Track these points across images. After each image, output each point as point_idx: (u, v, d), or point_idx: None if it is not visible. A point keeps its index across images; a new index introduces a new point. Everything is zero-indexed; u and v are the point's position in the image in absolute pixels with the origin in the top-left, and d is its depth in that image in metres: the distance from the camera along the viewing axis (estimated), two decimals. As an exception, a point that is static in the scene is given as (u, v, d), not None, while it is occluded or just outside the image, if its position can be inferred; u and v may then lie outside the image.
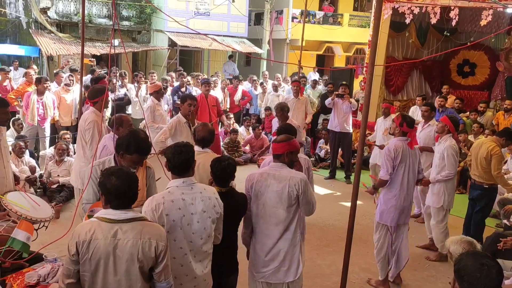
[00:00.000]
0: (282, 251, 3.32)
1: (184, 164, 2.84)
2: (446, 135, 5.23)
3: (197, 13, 16.32)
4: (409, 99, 11.46)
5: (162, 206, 2.72)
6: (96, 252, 2.29)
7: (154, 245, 2.36)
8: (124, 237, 2.32)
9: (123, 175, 2.39)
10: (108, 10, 16.33)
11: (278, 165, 3.35)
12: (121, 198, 2.37)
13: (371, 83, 3.66)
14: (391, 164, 4.43)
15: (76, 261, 2.31)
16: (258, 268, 3.40)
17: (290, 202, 3.26)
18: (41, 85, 7.69)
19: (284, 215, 3.28)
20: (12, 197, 3.42)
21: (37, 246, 3.23)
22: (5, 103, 4.06)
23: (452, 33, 10.56)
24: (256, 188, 3.32)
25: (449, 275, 4.94)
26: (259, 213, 3.34)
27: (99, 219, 2.36)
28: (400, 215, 4.53)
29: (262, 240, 3.36)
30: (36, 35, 14.29)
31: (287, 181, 3.24)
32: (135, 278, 2.36)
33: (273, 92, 11.08)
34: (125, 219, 2.36)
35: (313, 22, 18.97)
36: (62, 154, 6.82)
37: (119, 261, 2.32)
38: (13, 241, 2.80)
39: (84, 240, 2.29)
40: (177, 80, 10.44)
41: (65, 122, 8.19)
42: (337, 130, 8.33)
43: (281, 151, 3.33)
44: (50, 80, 8.52)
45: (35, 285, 2.90)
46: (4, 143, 4.05)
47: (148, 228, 2.41)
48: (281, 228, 3.30)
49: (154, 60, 17.37)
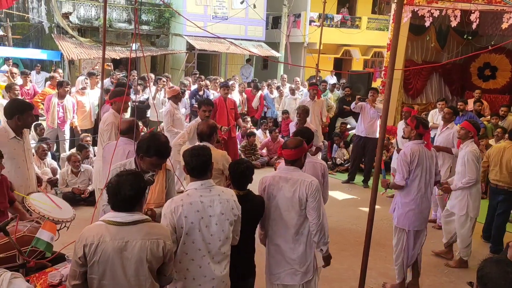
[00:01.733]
0: (298, 254, 3.33)
1: (202, 166, 2.86)
2: (468, 141, 5.14)
3: (215, 17, 16.45)
4: (428, 102, 11.33)
5: (180, 208, 2.75)
6: (104, 255, 2.32)
7: (162, 245, 2.41)
8: (132, 239, 2.35)
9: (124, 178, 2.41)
10: (128, 15, 16.58)
11: (290, 168, 3.36)
12: (120, 201, 2.38)
13: (390, 87, 3.63)
14: (407, 169, 4.37)
15: (83, 264, 2.34)
16: (273, 270, 3.42)
17: (301, 205, 3.26)
18: (62, 88, 7.83)
19: (295, 218, 3.29)
20: (35, 198, 3.50)
21: (58, 246, 3.29)
22: (31, 106, 4.14)
23: (472, 36, 10.41)
24: (268, 191, 3.34)
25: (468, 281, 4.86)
26: (271, 216, 3.35)
27: (106, 222, 2.39)
28: (418, 219, 4.47)
29: (276, 242, 3.38)
30: (58, 40, 14.59)
31: (298, 184, 3.25)
32: (144, 278, 2.40)
33: (290, 95, 11.09)
34: (132, 221, 2.39)
35: (331, 26, 18.92)
36: (78, 166, 6.77)
37: (128, 262, 2.35)
38: (38, 241, 2.86)
39: (91, 243, 2.31)
40: (195, 83, 10.53)
41: (84, 125, 8.32)
42: (363, 135, 8.25)
43: (295, 157, 3.35)
44: (72, 84, 8.69)
45: (58, 284, 2.95)
46: (28, 145, 4.14)
47: (154, 229, 2.45)
48: (293, 231, 3.31)
49: (173, 64, 17.55)
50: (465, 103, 8.62)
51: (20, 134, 3.97)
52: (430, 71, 11.21)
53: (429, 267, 5.09)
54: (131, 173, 2.51)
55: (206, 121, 4.42)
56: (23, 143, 4.01)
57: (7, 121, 3.95)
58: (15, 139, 3.90)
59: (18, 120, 3.90)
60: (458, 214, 5.21)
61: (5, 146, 3.60)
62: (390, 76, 3.62)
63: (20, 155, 3.95)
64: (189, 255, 2.79)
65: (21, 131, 4.00)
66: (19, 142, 3.95)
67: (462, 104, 8.32)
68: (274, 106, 11.50)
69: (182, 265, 2.78)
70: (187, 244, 2.78)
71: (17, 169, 3.89)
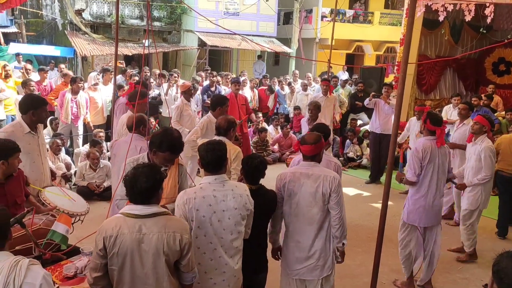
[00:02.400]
0: (318, 249, 3.33)
1: (217, 161, 2.88)
2: (482, 135, 5.07)
3: (227, 13, 16.44)
4: (442, 98, 11.20)
5: (193, 201, 2.77)
6: (122, 246, 2.35)
7: (179, 238, 2.42)
8: (149, 232, 2.38)
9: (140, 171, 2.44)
10: (140, 11, 16.65)
11: (310, 163, 3.35)
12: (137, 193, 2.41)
13: (404, 82, 3.60)
14: (419, 165, 4.33)
15: (104, 256, 2.38)
16: (292, 266, 3.41)
17: (324, 201, 3.26)
18: (75, 84, 7.93)
19: (318, 214, 3.28)
20: (49, 193, 3.55)
21: (72, 240, 3.34)
22: (45, 102, 4.20)
23: (487, 31, 10.26)
24: (289, 188, 3.32)
25: (482, 278, 4.82)
26: (292, 212, 3.34)
27: (124, 215, 2.43)
28: (429, 216, 4.43)
29: (296, 239, 3.37)
30: (71, 36, 14.71)
31: (321, 179, 3.24)
32: (162, 271, 2.42)
33: (302, 91, 11.06)
34: (150, 213, 2.42)
35: (343, 21, 18.79)
36: (97, 163, 6.86)
37: (146, 255, 2.38)
38: (54, 234, 2.91)
39: (110, 235, 2.36)
40: (207, 79, 10.57)
41: (96, 121, 8.41)
42: (378, 132, 8.15)
43: (314, 153, 3.34)
44: (84, 80, 8.78)
45: (73, 276, 3.00)
46: (42, 140, 4.19)
47: (172, 222, 2.46)
48: (316, 227, 3.31)
49: (184, 60, 17.60)
50: (479, 98, 8.51)
51: (34, 129, 4.02)
52: (444, 66, 11.09)
53: (442, 264, 5.05)
54: (147, 165, 2.54)
55: (223, 116, 4.41)
56: (38, 137, 4.06)
57: (22, 116, 4.00)
58: (30, 134, 3.95)
59: (32, 116, 3.94)
60: (468, 208, 5.17)
61: (20, 140, 3.63)
62: (404, 70, 3.58)
63: (35, 150, 4.00)
64: (201, 249, 2.81)
65: (36, 126, 4.05)
66: (34, 137, 4.00)
67: (476, 100, 8.22)
68: (286, 102, 11.48)
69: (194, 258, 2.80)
70: (199, 238, 2.80)
71: (32, 163, 3.94)
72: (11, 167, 3.13)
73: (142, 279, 2.40)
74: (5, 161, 3.07)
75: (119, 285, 2.42)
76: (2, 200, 3.06)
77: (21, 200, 3.31)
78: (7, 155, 3.10)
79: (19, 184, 3.32)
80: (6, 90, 7.89)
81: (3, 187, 3.14)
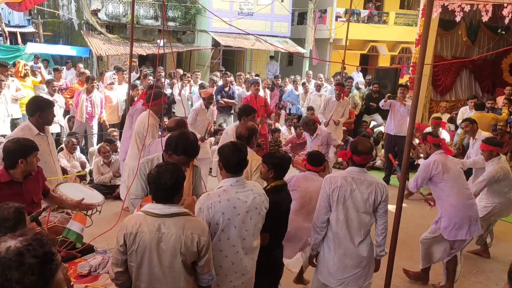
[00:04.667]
0: (366, 256, 3.32)
1: (241, 162, 2.86)
2: (495, 158, 5.00)
3: (241, 13, 16.47)
4: (458, 99, 11.06)
5: (218, 204, 2.72)
6: (142, 244, 2.37)
7: (196, 240, 2.41)
8: (168, 231, 2.39)
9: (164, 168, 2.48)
10: (155, 12, 16.77)
11: (360, 169, 3.33)
12: (160, 190, 2.43)
13: (419, 83, 3.57)
14: (423, 177, 4.34)
15: (124, 252, 2.42)
16: (338, 275, 3.34)
17: (374, 207, 3.27)
18: (89, 84, 8.01)
19: (367, 219, 3.29)
20: (64, 187, 3.60)
21: (87, 238, 3.37)
22: (52, 104, 4.27)
23: (505, 31, 10.10)
24: (340, 193, 3.25)
25: (497, 282, 4.75)
26: (340, 217, 3.28)
27: (145, 213, 2.45)
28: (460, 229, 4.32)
29: (346, 245, 3.31)
30: (87, 36, 14.89)
31: (374, 186, 3.26)
32: (179, 271, 2.43)
33: (316, 92, 11.01)
34: (169, 213, 2.43)
35: (358, 21, 18.67)
36: (109, 156, 6.92)
37: (164, 254, 2.39)
38: (69, 232, 2.94)
39: (131, 232, 2.38)
40: (221, 79, 10.60)
41: (111, 120, 8.49)
42: (393, 134, 8.01)
43: (367, 162, 3.39)
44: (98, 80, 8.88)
45: (87, 274, 3.03)
46: (51, 139, 4.29)
47: (190, 223, 2.46)
48: (364, 232, 3.31)
49: (198, 60, 17.68)
50: (495, 100, 8.38)
51: (42, 130, 4.09)
52: (460, 67, 10.94)
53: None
54: (170, 163, 2.59)
55: (245, 123, 4.29)
56: (47, 137, 4.15)
57: (29, 118, 4.07)
58: (39, 136, 4.01)
59: (39, 118, 4.01)
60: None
61: None
62: (420, 71, 3.55)
63: (46, 150, 4.06)
64: (223, 252, 2.78)
65: (43, 128, 4.12)
66: (43, 137, 4.07)
67: (492, 102, 8.09)
68: (299, 103, 11.45)
69: (215, 261, 2.74)
70: (222, 241, 2.76)
71: (44, 164, 3.97)
72: (30, 165, 3.16)
73: (159, 277, 2.42)
74: (23, 160, 3.10)
75: (137, 281, 2.45)
76: (20, 199, 3.09)
77: (38, 199, 3.34)
78: (27, 154, 3.13)
79: (37, 183, 3.35)
80: (23, 89, 8.01)
81: (21, 186, 3.18)
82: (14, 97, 7.76)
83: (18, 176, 3.15)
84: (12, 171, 3.12)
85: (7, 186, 3.11)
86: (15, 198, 2.89)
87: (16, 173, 3.13)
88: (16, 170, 3.12)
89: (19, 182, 3.17)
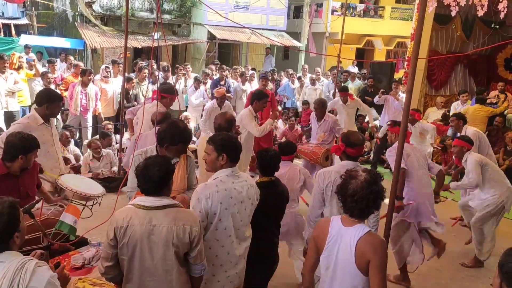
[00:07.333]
0: None
1: (238, 153, 2.91)
2: (467, 153, 5.06)
3: (237, 6, 16.39)
4: (452, 94, 11.09)
5: (216, 194, 2.74)
6: (132, 237, 2.38)
7: (188, 231, 2.43)
8: (159, 224, 2.39)
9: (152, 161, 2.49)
10: (150, 4, 16.64)
11: (354, 163, 3.34)
12: (148, 183, 2.44)
13: (413, 77, 3.57)
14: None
15: (114, 246, 2.42)
16: None
17: None
18: (85, 77, 7.95)
19: None
20: (65, 178, 3.62)
21: (80, 231, 3.37)
22: (61, 98, 4.46)
23: (500, 26, 10.12)
24: (333, 188, 3.25)
25: (490, 276, 4.79)
26: (334, 212, 3.29)
27: (135, 206, 2.45)
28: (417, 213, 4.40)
29: None
30: (81, 28, 14.76)
31: None
32: (171, 263, 2.44)
33: (311, 85, 11.01)
34: (160, 206, 2.44)
35: (354, 15, 18.64)
36: (99, 152, 6.85)
37: (155, 246, 2.40)
38: (61, 224, 2.93)
39: (121, 226, 2.39)
40: (217, 73, 10.58)
41: (106, 113, 8.45)
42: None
43: (359, 154, 3.42)
44: (94, 73, 8.82)
45: (81, 267, 3.03)
46: (55, 130, 4.43)
47: (182, 214, 2.47)
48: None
49: (194, 53, 17.59)
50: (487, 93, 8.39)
51: (47, 121, 4.23)
52: (455, 62, 10.97)
53: (451, 260, 5.04)
54: (159, 156, 2.61)
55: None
56: (51, 128, 4.28)
57: (36, 108, 4.22)
58: (44, 125, 4.16)
59: (46, 109, 4.15)
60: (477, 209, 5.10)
61: (35, 131, 3.83)
62: (414, 66, 3.55)
63: (49, 140, 4.20)
64: (220, 241, 2.80)
65: (48, 119, 4.25)
66: (47, 127, 4.21)
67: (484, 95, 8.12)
68: (295, 97, 11.45)
69: (212, 251, 2.78)
70: (219, 230, 2.78)
71: (47, 153, 4.13)
72: (28, 161, 3.26)
73: (151, 270, 2.43)
74: (23, 156, 3.19)
75: (128, 275, 2.45)
76: (15, 192, 3.13)
77: (33, 193, 3.43)
78: (28, 151, 3.23)
79: (32, 177, 3.44)
80: (21, 82, 7.96)
81: (17, 179, 3.25)
82: (11, 90, 7.71)
83: (15, 170, 3.23)
84: (9, 164, 3.20)
85: (4, 178, 3.19)
86: (12, 191, 2.93)
87: (14, 166, 3.21)
88: (14, 163, 3.21)
89: (15, 176, 3.24)
